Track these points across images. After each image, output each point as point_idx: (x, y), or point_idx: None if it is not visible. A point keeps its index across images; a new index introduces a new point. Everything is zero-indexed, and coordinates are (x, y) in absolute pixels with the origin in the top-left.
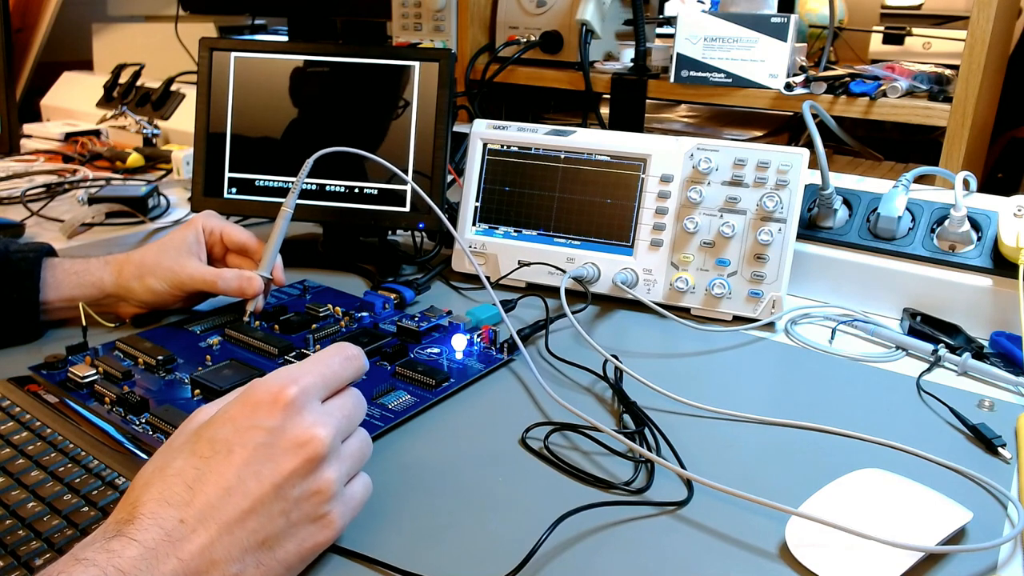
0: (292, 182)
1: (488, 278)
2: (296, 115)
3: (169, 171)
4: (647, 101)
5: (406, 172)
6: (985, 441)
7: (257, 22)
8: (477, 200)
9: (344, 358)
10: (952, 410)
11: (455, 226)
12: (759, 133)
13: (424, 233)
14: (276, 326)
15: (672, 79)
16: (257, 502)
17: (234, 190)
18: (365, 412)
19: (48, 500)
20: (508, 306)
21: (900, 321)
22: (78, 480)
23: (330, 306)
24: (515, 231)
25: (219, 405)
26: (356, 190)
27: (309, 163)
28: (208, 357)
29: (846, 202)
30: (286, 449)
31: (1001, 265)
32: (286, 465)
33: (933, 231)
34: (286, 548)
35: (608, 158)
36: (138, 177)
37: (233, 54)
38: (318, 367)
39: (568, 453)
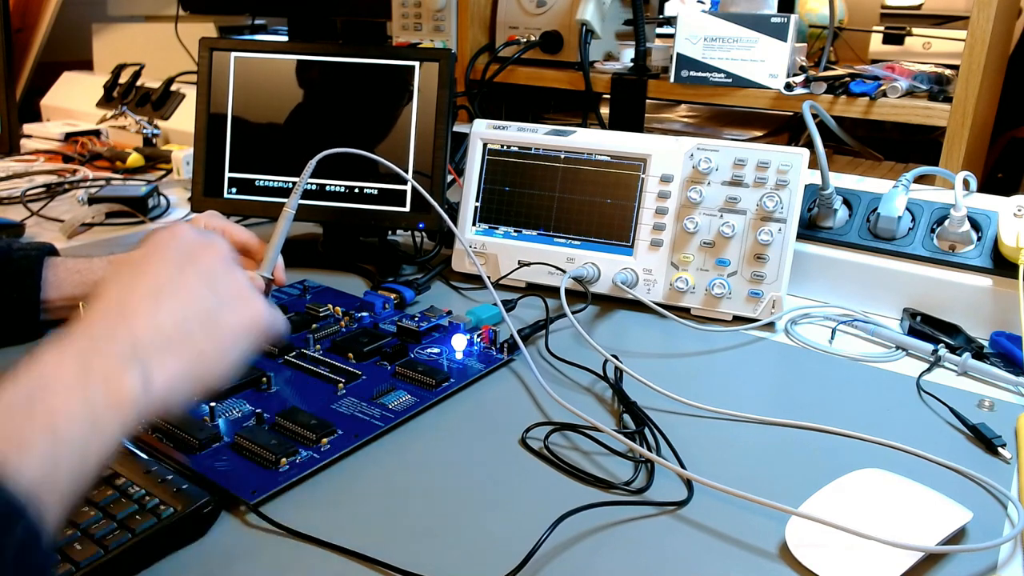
0: (292, 182)
1: (488, 278)
2: (296, 115)
3: (169, 171)
4: (647, 101)
5: (406, 172)
6: (985, 441)
7: (257, 22)
8: (477, 200)
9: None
10: (952, 410)
11: (455, 226)
12: (759, 133)
13: (424, 233)
14: None
15: (672, 79)
16: (189, 284)
17: (234, 190)
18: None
19: None
20: (508, 306)
21: (900, 321)
22: None
23: (330, 306)
24: (515, 231)
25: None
26: (356, 190)
27: (312, 164)
28: None
29: (846, 202)
30: (200, 249)
31: (1001, 265)
32: (204, 259)
33: (933, 231)
34: (225, 319)
35: (608, 158)
36: (138, 177)
37: (233, 54)
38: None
39: (568, 453)
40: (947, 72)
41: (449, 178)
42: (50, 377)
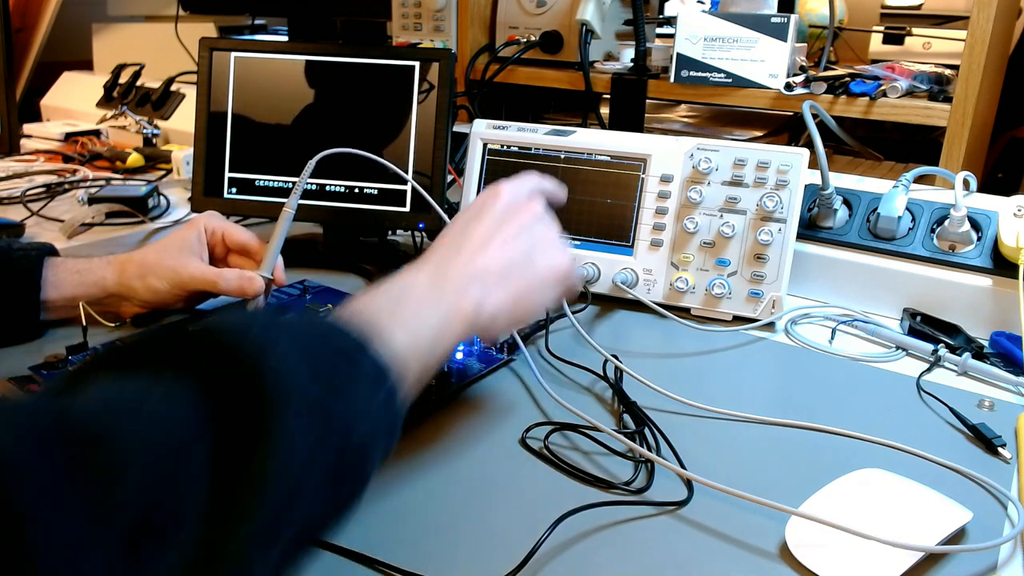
0: (292, 182)
1: None
2: (296, 115)
3: (169, 171)
4: (647, 101)
5: (406, 172)
6: (985, 441)
7: (257, 22)
8: None
9: (538, 177)
10: (952, 410)
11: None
12: (759, 133)
13: (424, 233)
14: None
15: (672, 79)
16: (508, 234)
17: (234, 190)
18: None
19: None
20: None
21: (900, 321)
22: None
23: (330, 306)
24: None
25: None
26: (356, 190)
27: (311, 164)
28: None
29: (846, 202)
30: (515, 209)
31: (1001, 265)
32: (519, 217)
33: (933, 231)
34: (539, 263)
35: (608, 158)
36: (138, 177)
37: (233, 54)
38: (516, 179)
39: (568, 453)
40: (947, 72)
41: (449, 178)
42: (409, 288)
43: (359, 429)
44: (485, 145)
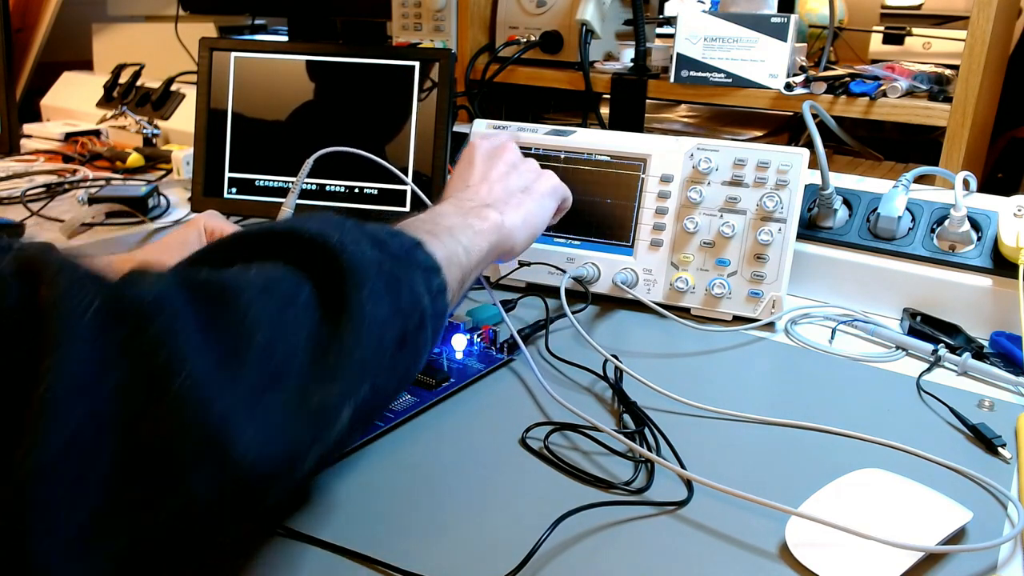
0: (292, 182)
1: (488, 278)
2: (296, 115)
3: (169, 171)
4: (647, 101)
5: (406, 172)
6: (985, 441)
7: (257, 22)
8: None
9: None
10: (952, 410)
11: None
12: (759, 133)
13: None
14: None
15: (672, 79)
16: (501, 171)
17: (234, 190)
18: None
19: None
20: (508, 306)
21: (900, 321)
22: None
23: None
24: None
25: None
26: (356, 190)
27: (309, 163)
28: None
29: (846, 202)
30: (498, 149)
31: (1001, 265)
32: (503, 154)
33: (933, 231)
34: (535, 188)
35: (608, 158)
36: (138, 177)
37: (233, 54)
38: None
39: (568, 453)
40: (947, 72)
41: (449, 178)
42: (438, 215)
43: (421, 304)
44: None
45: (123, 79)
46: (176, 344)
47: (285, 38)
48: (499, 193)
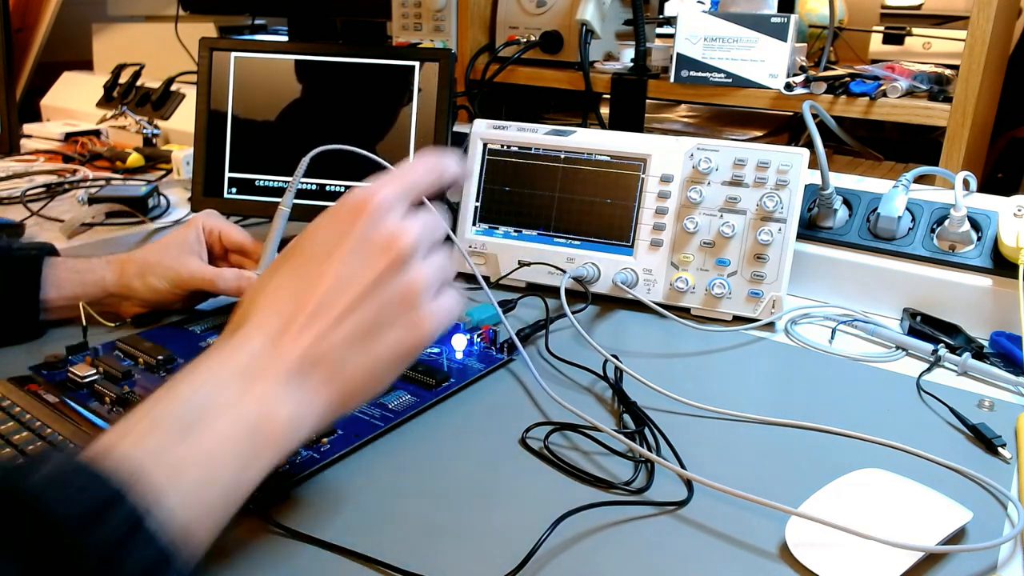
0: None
1: (487, 279)
2: (296, 115)
3: (169, 171)
4: (647, 101)
5: None
6: (985, 441)
7: (257, 22)
8: (477, 200)
9: (425, 168)
10: (952, 410)
11: (454, 226)
12: (759, 133)
13: None
14: None
15: (672, 79)
16: (354, 301)
17: (234, 190)
18: (444, 231)
19: None
20: (508, 306)
21: (900, 321)
22: None
23: None
24: (515, 231)
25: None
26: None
27: (305, 161)
28: None
29: (846, 202)
30: (374, 251)
31: (1001, 265)
32: (376, 266)
33: (933, 231)
34: (385, 343)
35: (608, 158)
36: (138, 177)
37: (233, 54)
38: (400, 178)
39: (568, 453)
40: (947, 72)
41: None
42: (210, 395)
43: None
44: (485, 145)
45: (123, 79)
46: None
47: (285, 38)
48: (329, 347)
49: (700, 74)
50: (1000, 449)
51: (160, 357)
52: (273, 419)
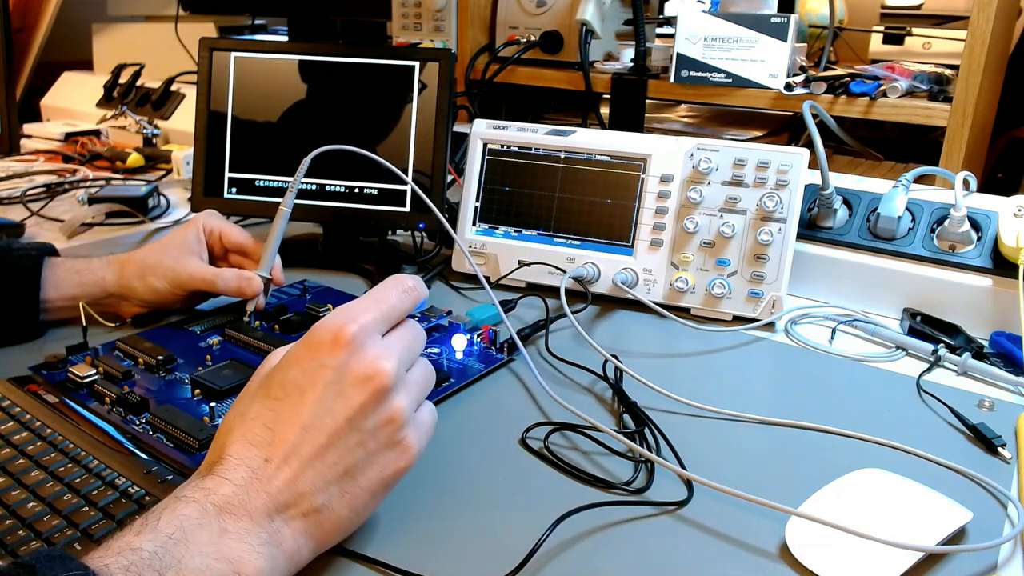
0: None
1: (488, 278)
2: (296, 115)
3: (169, 171)
4: (647, 101)
5: (406, 172)
6: (985, 441)
7: (257, 22)
8: (477, 200)
9: (401, 291)
10: (952, 410)
11: (455, 226)
12: (759, 133)
13: (424, 233)
14: (276, 326)
15: (672, 79)
16: (333, 436)
17: (234, 190)
18: (424, 341)
19: (48, 500)
20: (508, 306)
21: (900, 321)
22: (78, 480)
23: (330, 306)
24: (515, 231)
25: (287, 349)
26: (356, 190)
27: (306, 162)
28: (208, 357)
29: (846, 202)
30: (353, 384)
31: (1001, 265)
32: (356, 399)
33: (933, 231)
34: (368, 476)
35: (608, 158)
36: (138, 177)
37: (233, 54)
38: (376, 303)
39: (568, 453)
40: (947, 72)
41: (449, 178)
42: (186, 539)
43: None
44: (485, 145)
45: (123, 79)
46: None
47: (285, 38)
48: (308, 487)
49: (700, 74)
50: (1000, 449)
51: (160, 357)
52: (247, 565)
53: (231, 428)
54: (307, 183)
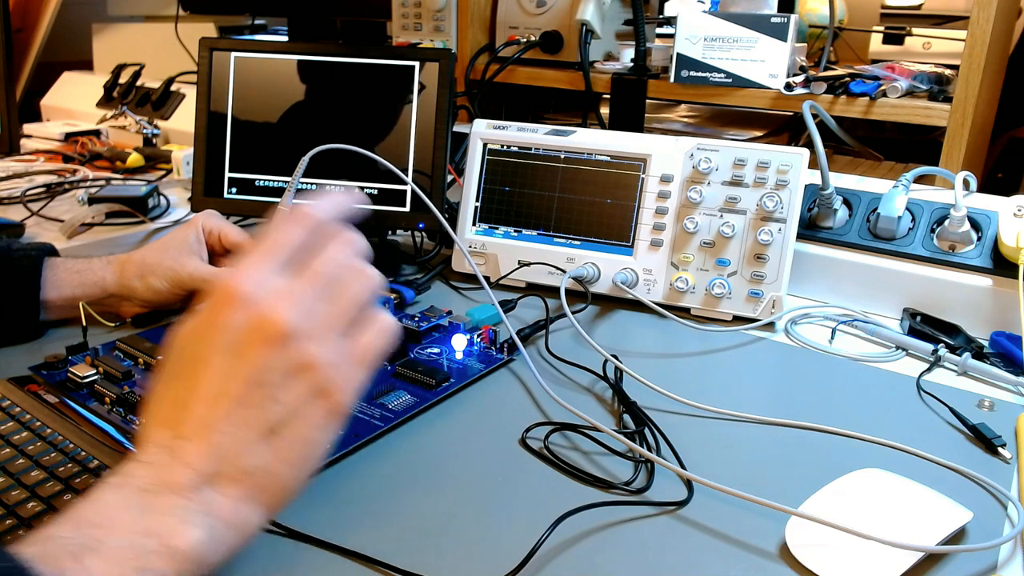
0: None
1: (487, 278)
2: (296, 115)
3: (169, 171)
4: (647, 101)
5: (406, 172)
6: (985, 441)
7: (257, 22)
8: (477, 200)
9: (291, 225)
10: (952, 410)
11: (455, 226)
12: (759, 133)
13: (424, 233)
14: None
15: (672, 79)
16: (242, 397)
17: (234, 190)
18: (352, 261)
19: (48, 500)
20: (508, 306)
21: (900, 321)
22: (78, 480)
23: None
24: (515, 231)
25: (186, 325)
26: (356, 190)
27: (304, 161)
28: None
29: (846, 202)
30: (248, 340)
31: (1001, 265)
32: (253, 355)
33: (933, 231)
34: (294, 428)
35: (608, 158)
36: (138, 177)
37: (233, 54)
38: (265, 251)
39: (568, 453)
40: (947, 72)
41: (449, 178)
42: (107, 521)
43: None
44: (485, 145)
45: (123, 79)
46: None
47: (285, 38)
48: (231, 450)
49: (700, 74)
50: (1000, 449)
51: (160, 357)
52: (178, 536)
53: (147, 412)
54: (307, 183)
